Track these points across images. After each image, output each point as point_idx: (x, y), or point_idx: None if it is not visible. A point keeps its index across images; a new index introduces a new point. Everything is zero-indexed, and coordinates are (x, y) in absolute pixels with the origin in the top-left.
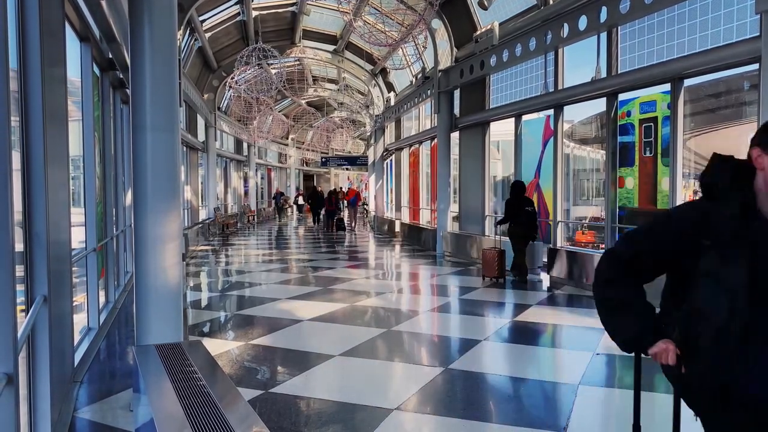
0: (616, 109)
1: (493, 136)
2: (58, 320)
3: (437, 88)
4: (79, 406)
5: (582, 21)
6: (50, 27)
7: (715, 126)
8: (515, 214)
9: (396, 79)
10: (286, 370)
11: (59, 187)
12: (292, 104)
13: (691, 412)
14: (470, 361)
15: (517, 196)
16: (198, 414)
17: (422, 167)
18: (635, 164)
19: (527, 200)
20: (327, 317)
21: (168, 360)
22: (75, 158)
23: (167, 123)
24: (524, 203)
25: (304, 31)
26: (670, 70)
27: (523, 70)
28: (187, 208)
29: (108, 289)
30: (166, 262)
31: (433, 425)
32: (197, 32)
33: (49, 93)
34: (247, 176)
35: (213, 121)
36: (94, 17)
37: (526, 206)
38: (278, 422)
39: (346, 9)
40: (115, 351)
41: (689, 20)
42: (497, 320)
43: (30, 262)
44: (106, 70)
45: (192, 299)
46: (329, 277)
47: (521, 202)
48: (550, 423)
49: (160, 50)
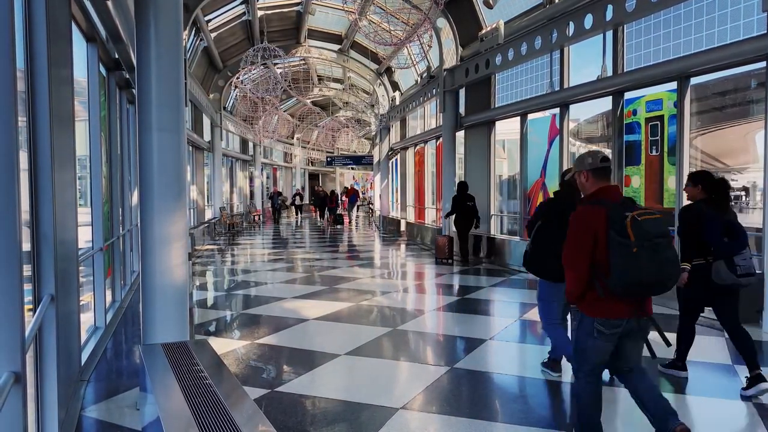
0: (622, 108)
1: (498, 135)
2: (65, 319)
3: (442, 87)
4: (86, 404)
5: (588, 19)
6: (57, 27)
7: (721, 124)
8: (459, 208)
9: (401, 78)
10: (291, 369)
11: (66, 187)
12: (298, 104)
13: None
14: (476, 360)
15: (461, 193)
16: (204, 413)
17: (427, 166)
18: (641, 163)
19: (469, 197)
20: (332, 316)
21: (174, 359)
22: (81, 158)
23: (173, 123)
24: (466, 199)
25: (309, 30)
26: (677, 69)
27: (528, 68)
28: (193, 208)
29: (114, 288)
30: (172, 261)
31: (439, 424)
32: (203, 32)
33: (56, 93)
34: (253, 176)
35: (219, 120)
36: (101, 17)
37: (467, 202)
38: (284, 421)
39: (351, 8)
40: (122, 350)
41: (695, 18)
42: (503, 320)
43: (37, 261)
44: (112, 70)
45: (198, 298)
46: (334, 276)
47: (464, 199)
48: (557, 422)
49: (166, 50)
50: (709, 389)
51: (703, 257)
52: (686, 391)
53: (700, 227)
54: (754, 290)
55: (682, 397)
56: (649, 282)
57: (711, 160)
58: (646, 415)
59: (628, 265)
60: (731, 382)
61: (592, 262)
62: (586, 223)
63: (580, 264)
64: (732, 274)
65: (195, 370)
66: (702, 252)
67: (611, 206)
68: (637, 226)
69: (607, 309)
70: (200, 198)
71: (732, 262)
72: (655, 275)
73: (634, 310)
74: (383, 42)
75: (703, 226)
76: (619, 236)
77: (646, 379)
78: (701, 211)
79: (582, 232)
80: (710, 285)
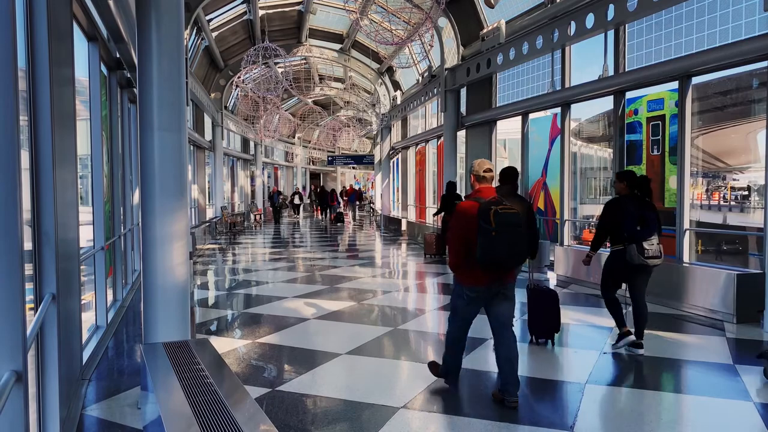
0: (623, 107)
1: (499, 135)
2: (67, 318)
3: (444, 86)
4: (88, 403)
5: (589, 19)
6: (58, 27)
7: (723, 124)
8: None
9: (402, 77)
10: (292, 368)
11: (67, 186)
12: (299, 103)
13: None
14: (476, 359)
15: (450, 192)
16: (205, 412)
17: (429, 166)
18: (643, 162)
19: (457, 196)
20: (333, 315)
21: (175, 358)
22: (83, 157)
23: (174, 122)
24: (455, 198)
25: (310, 29)
26: (678, 68)
27: (530, 68)
28: (195, 207)
29: (116, 287)
30: (173, 260)
31: (440, 424)
32: (204, 31)
33: (57, 92)
34: (254, 175)
35: (220, 120)
36: (102, 17)
37: (455, 200)
38: (285, 420)
39: (352, 8)
40: (123, 349)
41: (697, 17)
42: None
43: (39, 260)
44: (113, 70)
45: (199, 297)
46: (336, 275)
47: (452, 197)
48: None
49: (167, 49)
50: (710, 389)
51: (621, 243)
52: (686, 391)
53: (621, 217)
54: (755, 290)
55: (682, 397)
56: (501, 258)
57: (712, 160)
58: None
59: (488, 245)
60: (732, 383)
61: (465, 242)
62: (465, 213)
63: (457, 243)
64: (641, 256)
65: (196, 369)
66: (621, 239)
67: (483, 202)
68: (497, 216)
69: (473, 279)
70: (201, 197)
71: (642, 246)
72: (506, 254)
73: (493, 280)
74: (385, 41)
75: (624, 217)
76: (485, 224)
77: (507, 344)
78: (623, 204)
79: (460, 219)
80: (626, 265)
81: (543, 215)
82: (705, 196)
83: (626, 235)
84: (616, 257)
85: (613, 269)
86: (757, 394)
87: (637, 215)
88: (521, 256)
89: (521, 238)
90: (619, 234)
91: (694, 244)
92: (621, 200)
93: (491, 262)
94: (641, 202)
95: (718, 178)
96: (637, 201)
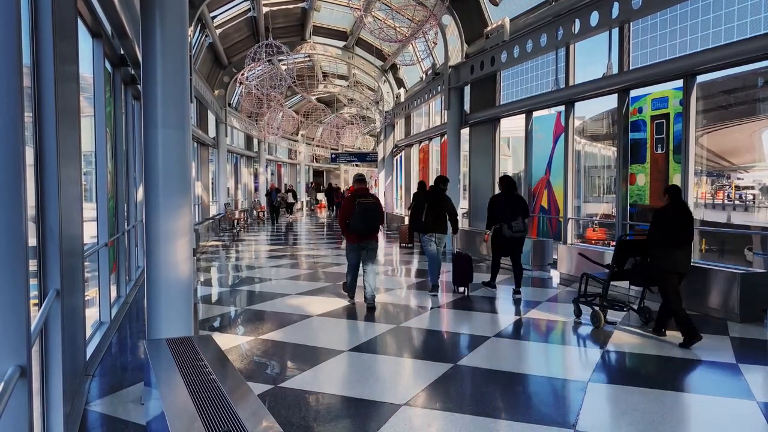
0: (627, 106)
1: (503, 133)
2: (71, 314)
3: (447, 84)
4: (91, 399)
5: (594, 17)
6: (63, 23)
7: (727, 123)
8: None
9: (406, 75)
10: (295, 365)
11: (72, 183)
12: (302, 100)
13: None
14: (479, 357)
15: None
16: (208, 408)
17: (432, 163)
18: (647, 161)
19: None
20: (336, 313)
21: (179, 354)
22: (87, 154)
23: (178, 119)
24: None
25: (314, 27)
26: (683, 66)
27: (533, 66)
28: (198, 204)
29: (119, 283)
30: (177, 257)
31: (442, 421)
32: (208, 28)
33: (62, 89)
34: (258, 172)
35: (224, 117)
36: (106, 13)
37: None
38: (288, 417)
39: (356, 5)
40: (127, 345)
41: (702, 16)
42: (506, 317)
43: (43, 256)
44: (117, 67)
45: (202, 294)
46: (338, 273)
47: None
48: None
49: (171, 46)
50: (713, 388)
51: (499, 224)
52: (690, 389)
53: (497, 207)
54: (758, 290)
55: (685, 395)
56: (361, 228)
57: (717, 159)
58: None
59: (355, 220)
60: (735, 381)
61: (345, 218)
62: (347, 202)
63: (342, 218)
64: (510, 231)
65: (199, 366)
66: (499, 221)
67: (356, 196)
68: (359, 204)
69: (352, 239)
70: (205, 194)
71: (510, 225)
72: (363, 226)
73: (361, 240)
74: (388, 39)
75: (499, 207)
76: (356, 207)
77: (368, 274)
78: (498, 198)
79: (346, 205)
80: (503, 240)
81: (546, 213)
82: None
83: (500, 218)
84: (498, 234)
85: (497, 244)
86: (761, 393)
87: (505, 205)
88: (374, 228)
89: (374, 216)
90: (499, 218)
91: (697, 243)
92: (498, 196)
93: (355, 229)
94: (510, 195)
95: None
96: (507, 195)
